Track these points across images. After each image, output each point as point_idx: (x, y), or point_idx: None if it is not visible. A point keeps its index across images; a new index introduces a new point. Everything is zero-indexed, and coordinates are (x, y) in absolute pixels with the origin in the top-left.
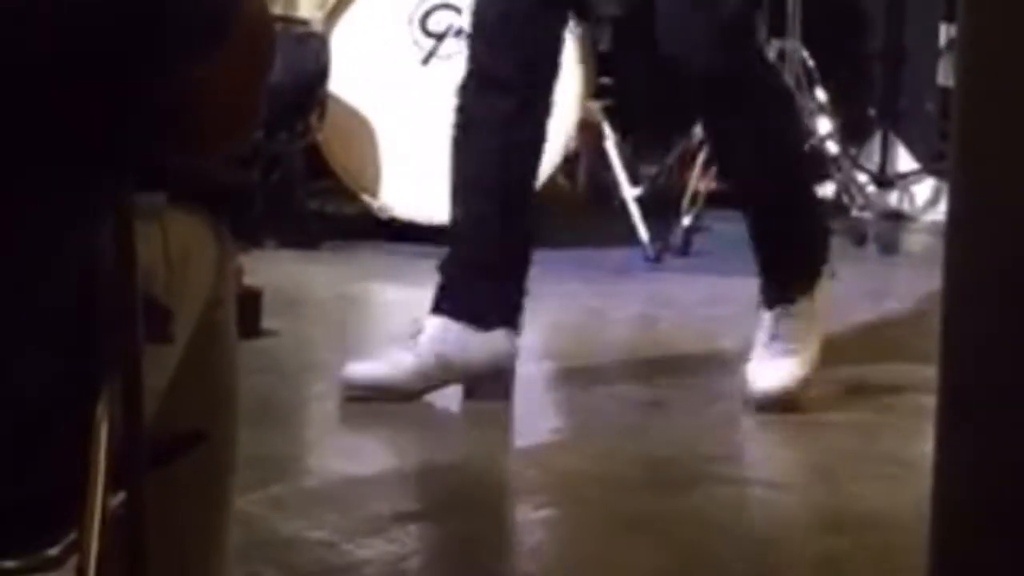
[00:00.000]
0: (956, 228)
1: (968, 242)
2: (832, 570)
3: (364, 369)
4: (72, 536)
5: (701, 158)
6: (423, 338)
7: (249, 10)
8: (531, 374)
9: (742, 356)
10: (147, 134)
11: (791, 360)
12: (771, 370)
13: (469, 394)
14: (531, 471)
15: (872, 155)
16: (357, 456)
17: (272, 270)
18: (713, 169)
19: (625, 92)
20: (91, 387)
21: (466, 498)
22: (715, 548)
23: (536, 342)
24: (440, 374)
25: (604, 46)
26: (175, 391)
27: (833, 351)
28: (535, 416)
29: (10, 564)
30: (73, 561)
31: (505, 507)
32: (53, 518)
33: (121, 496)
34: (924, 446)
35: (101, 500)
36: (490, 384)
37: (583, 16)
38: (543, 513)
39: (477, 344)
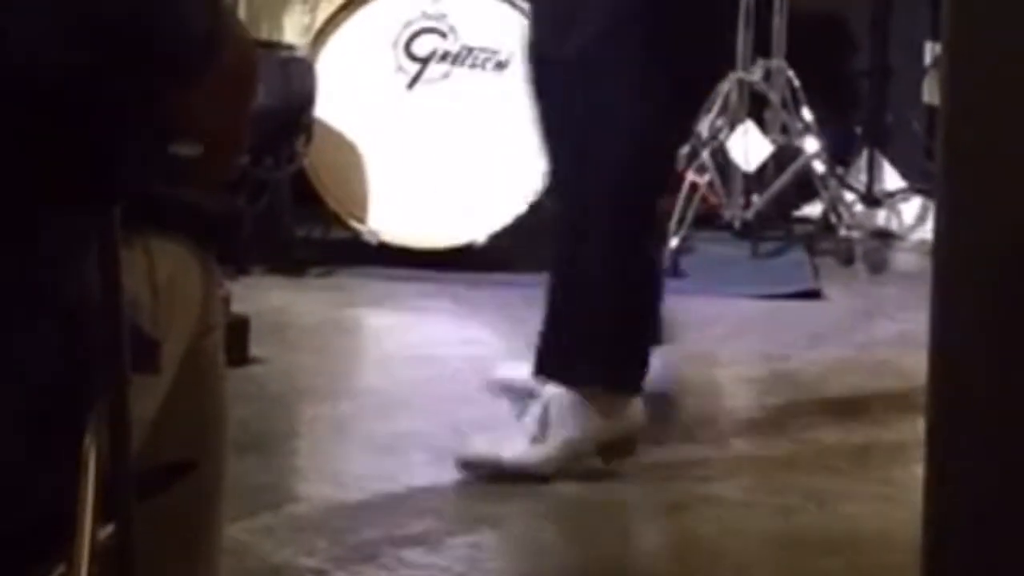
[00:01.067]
0: (943, 245)
1: (955, 259)
2: None
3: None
4: (61, 568)
5: (688, 180)
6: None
7: (233, 39)
8: None
9: (733, 376)
10: (133, 162)
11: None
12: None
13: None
14: (522, 494)
15: (859, 174)
16: (347, 482)
17: (260, 297)
18: (701, 191)
19: None
20: (78, 418)
21: (456, 523)
22: (707, 569)
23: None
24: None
25: None
26: (163, 420)
27: (823, 371)
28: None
29: None
30: None
31: (499, 527)
32: (42, 550)
33: (110, 527)
34: (915, 465)
35: (90, 531)
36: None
37: None
38: (538, 533)
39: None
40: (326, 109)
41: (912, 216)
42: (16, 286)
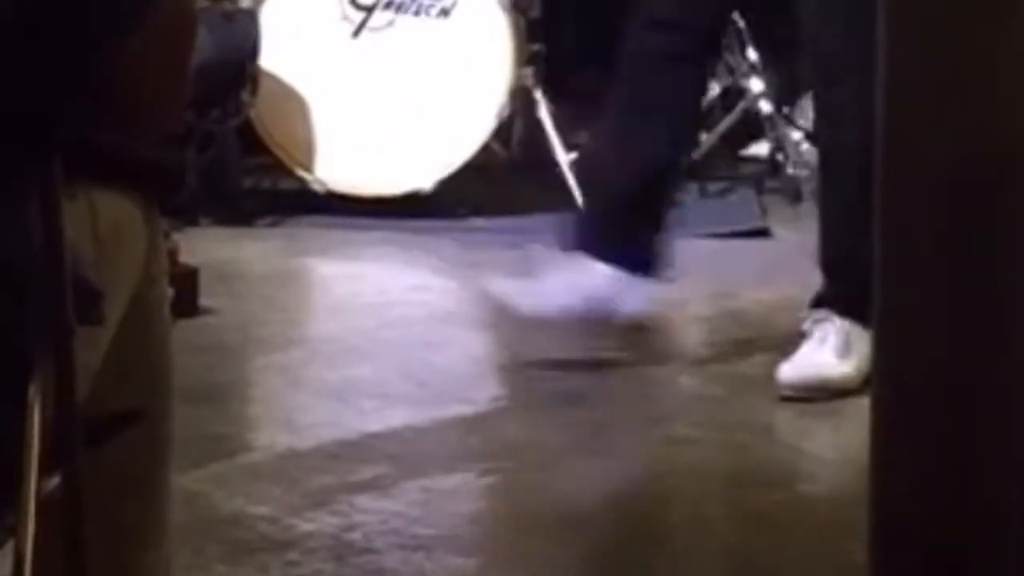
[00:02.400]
0: (886, 180)
1: (898, 194)
2: (769, 523)
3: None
4: (8, 520)
5: None
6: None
7: None
8: (470, 341)
9: (682, 315)
10: (72, 112)
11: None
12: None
13: None
14: (473, 438)
15: (805, 112)
16: (298, 431)
17: (208, 248)
18: None
19: (557, 58)
20: (22, 370)
21: (408, 468)
22: (655, 506)
23: (474, 310)
24: None
25: (534, 13)
26: (109, 371)
27: (771, 309)
28: (475, 383)
29: None
30: (10, 545)
31: (447, 475)
32: None
33: (57, 477)
34: (864, 398)
35: (36, 483)
36: None
37: None
38: (486, 480)
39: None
40: (271, 59)
41: None
42: None
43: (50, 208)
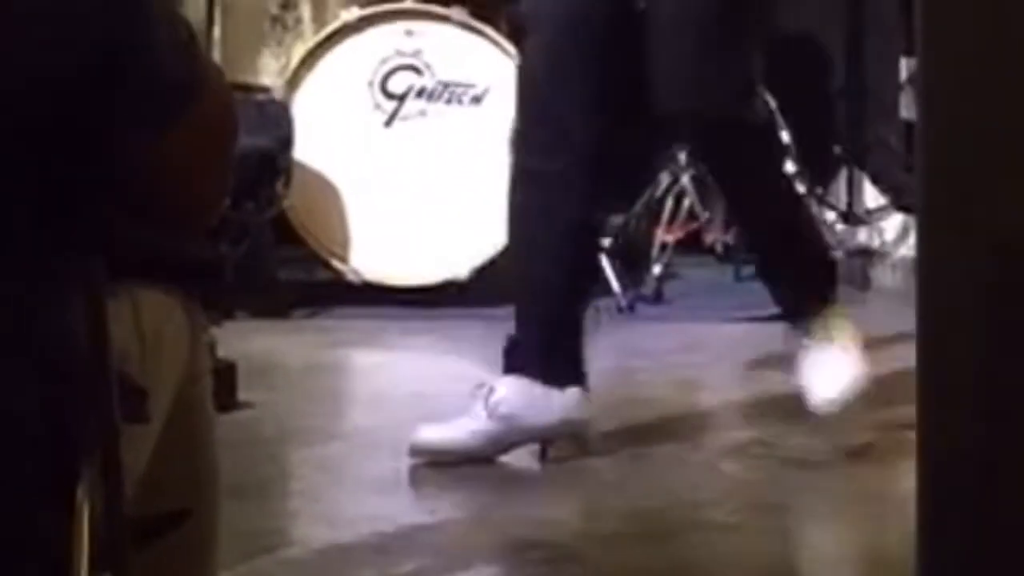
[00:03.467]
0: (926, 261)
1: (939, 274)
2: None
3: (434, 434)
4: None
5: (668, 206)
6: (493, 400)
7: (211, 88)
8: None
9: (719, 400)
10: (110, 212)
11: None
12: None
13: (544, 455)
14: (518, 529)
15: (839, 193)
16: (340, 524)
17: (245, 341)
18: (680, 218)
19: None
20: (70, 471)
21: (452, 559)
22: None
23: None
24: (513, 436)
25: None
26: (155, 470)
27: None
28: (517, 473)
29: None
30: None
31: (493, 566)
32: None
33: None
34: (907, 482)
35: None
36: (566, 442)
37: None
38: (531, 570)
39: (550, 403)
40: (304, 150)
41: (894, 233)
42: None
43: (95, 308)
